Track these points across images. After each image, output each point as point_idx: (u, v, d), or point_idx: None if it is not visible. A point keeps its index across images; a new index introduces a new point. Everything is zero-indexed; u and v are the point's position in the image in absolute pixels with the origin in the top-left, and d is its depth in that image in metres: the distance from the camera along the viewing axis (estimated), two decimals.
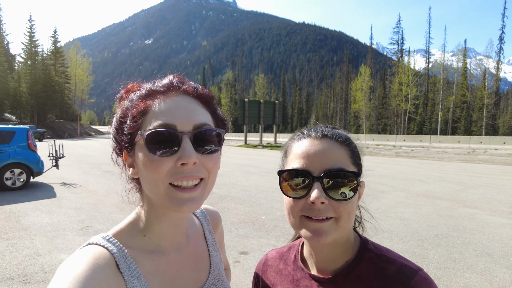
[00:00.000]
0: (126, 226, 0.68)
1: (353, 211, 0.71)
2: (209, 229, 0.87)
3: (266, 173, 12.00)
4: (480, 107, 53.78)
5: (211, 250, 0.83)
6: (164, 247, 0.69)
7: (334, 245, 0.74)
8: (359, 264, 0.73)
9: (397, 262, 0.71)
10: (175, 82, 0.66)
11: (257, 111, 32.91)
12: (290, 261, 0.87)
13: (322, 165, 0.68)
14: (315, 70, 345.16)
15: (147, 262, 0.65)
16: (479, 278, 3.72)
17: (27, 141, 8.99)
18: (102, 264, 0.56)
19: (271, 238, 5.01)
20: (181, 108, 0.63)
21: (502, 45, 54.57)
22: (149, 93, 0.65)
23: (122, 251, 0.62)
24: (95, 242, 0.61)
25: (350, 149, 0.73)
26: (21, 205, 6.94)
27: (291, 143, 0.78)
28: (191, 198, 0.61)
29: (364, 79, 61.24)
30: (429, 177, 11.32)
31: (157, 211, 0.67)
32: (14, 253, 4.29)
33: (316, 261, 0.78)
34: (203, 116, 0.65)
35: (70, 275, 0.52)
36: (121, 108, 0.67)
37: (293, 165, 0.72)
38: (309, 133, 0.75)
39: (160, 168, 0.59)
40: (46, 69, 56.88)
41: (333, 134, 0.73)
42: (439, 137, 33.17)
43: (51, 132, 49.53)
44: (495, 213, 6.53)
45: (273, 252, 0.94)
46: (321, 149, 0.70)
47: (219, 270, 0.82)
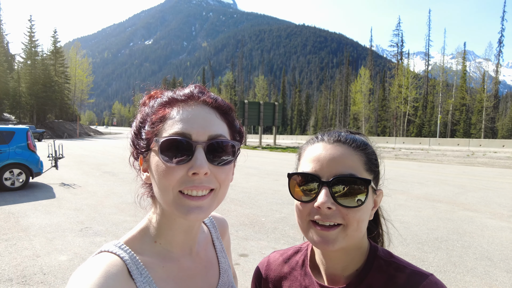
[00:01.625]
0: (138, 233, 0.69)
1: (364, 219, 0.69)
2: (217, 236, 0.88)
3: (266, 175, 11.99)
4: (479, 110, 53.85)
5: (220, 256, 0.83)
6: (175, 253, 0.70)
7: (344, 253, 0.72)
8: (369, 272, 0.71)
9: (407, 270, 0.70)
10: (196, 92, 0.68)
11: (256, 112, 32.92)
12: (297, 266, 0.84)
13: (331, 170, 0.67)
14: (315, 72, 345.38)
15: (159, 268, 0.66)
16: (478, 281, 3.72)
17: (27, 141, 8.98)
18: (115, 272, 0.57)
19: (271, 240, 5.00)
20: (198, 117, 0.64)
21: (502, 48, 54.70)
22: (169, 101, 0.66)
23: (134, 258, 0.63)
24: (107, 250, 0.62)
25: (365, 155, 0.71)
26: (20, 206, 6.92)
27: (306, 146, 0.78)
28: (199, 207, 0.62)
29: (363, 81, 61.33)
30: (428, 180, 11.33)
31: (168, 217, 0.67)
32: (13, 254, 4.27)
33: (326, 268, 0.76)
34: (219, 127, 0.66)
35: (83, 283, 0.53)
36: (141, 113, 0.69)
37: (304, 168, 0.71)
38: (323, 137, 0.75)
39: (171, 175, 0.60)
40: (46, 69, 56.81)
41: (347, 139, 0.72)
42: (439, 140, 33.18)
43: (50, 132, 49.45)
44: (495, 216, 6.53)
45: (276, 255, 0.91)
46: (332, 154, 0.69)
47: (228, 277, 0.82)
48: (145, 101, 0.72)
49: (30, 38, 57.12)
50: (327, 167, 0.68)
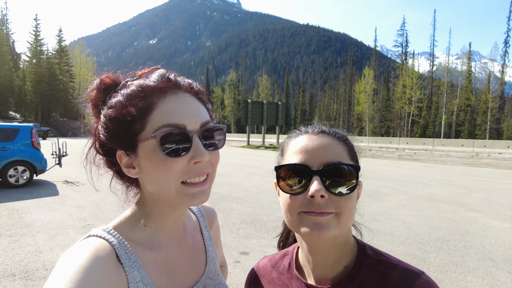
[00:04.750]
0: (126, 219, 0.69)
1: (354, 208, 0.69)
2: (205, 225, 0.88)
3: (268, 174, 11.99)
4: (484, 111, 53.47)
5: (207, 245, 0.84)
6: (163, 239, 0.70)
7: (333, 246, 0.71)
8: (360, 271, 0.70)
9: (399, 267, 0.69)
10: (172, 77, 0.66)
11: (260, 112, 32.88)
12: (284, 270, 0.82)
13: (321, 159, 0.67)
14: (318, 72, 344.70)
15: (147, 253, 0.66)
16: (480, 282, 3.70)
17: (31, 139, 9.06)
18: (103, 256, 0.56)
19: (272, 238, 5.00)
20: (187, 107, 0.64)
21: (507, 48, 54.30)
22: (145, 90, 0.63)
23: (122, 242, 0.62)
24: (95, 234, 0.62)
25: (347, 145, 0.72)
26: (24, 202, 6.99)
27: (288, 140, 0.77)
28: (201, 191, 0.64)
29: (367, 81, 61.11)
30: (431, 180, 11.26)
31: (160, 207, 0.67)
32: (16, 250, 4.32)
33: (313, 267, 0.74)
34: (205, 113, 0.67)
35: (71, 267, 0.52)
36: (109, 106, 0.64)
37: (291, 160, 0.70)
38: (307, 129, 0.75)
39: (173, 169, 0.60)
40: (51, 68, 57.26)
41: (330, 131, 0.73)
42: (443, 140, 33.02)
43: (54, 130, 49.83)
44: (498, 217, 6.49)
45: (264, 260, 0.90)
46: (320, 143, 0.70)
47: (215, 265, 0.83)
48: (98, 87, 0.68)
49: (35, 37, 57.62)
50: (316, 157, 0.68)
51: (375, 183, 10.17)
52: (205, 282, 0.76)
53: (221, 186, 9.05)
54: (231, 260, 4.11)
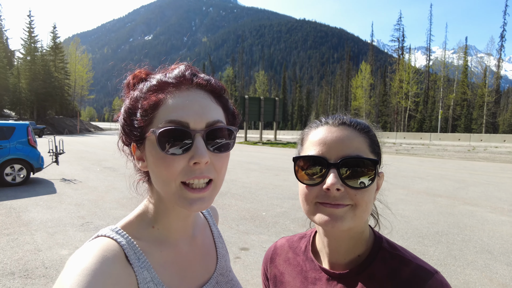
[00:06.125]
0: (135, 218, 0.68)
1: (371, 201, 0.69)
2: (213, 222, 0.88)
3: (266, 170, 12.00)
4: (480, 105, 53.72)
5: (217, 242, 0.84)
6: (173, 238, 0.69)
7: (348, 235, 0.71)
8: (373, 263, 0.71)
9: (412, 264, 0.68)
10: (188, 74, 0.64)
11: (257, 108, 32.82)
12: (300, 251, 0.85)
13: (339, 152, 0.67)
14: (315, 67, 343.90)
15: (157, 253, 0.65)
16: (479, 274, 3.73)
17: (27, 137, 8.98)
18: (111, 256, 0.56)
19: (272, 234, 5.01)
20: (194, 104, 0.61)
21: (503, 42, 54.40)
22: (160, 85, 0.62)
23: (131, 242, 0.61)
24: (104, 234, 0.61)
25: (369, 138, 0.71)
26: (22, 201, 6.94)
27: (308, 130, 0.77)
28: (201, 198, 0.61)
29: (364, 77, 61.13)
30: (429, 175, 11.32)
31: (166, 204, 0.66)
32: (14, 249, 4.29)
33: (329, 252, 0.75)
34: (215, 112, 0.63)
35: (79, 268, 0.51)
36: (129, 98, 0.65)
37: (309, 152, 0.70)
38: (327, 120, 0.74)
39: (172, 167, 0.59)
40: (46, 65, 56.65)
41: (351, 122, 0.72)
42: (439, 135, 33.13)
43: (50, 128, 49.46)
44: (495, 211, 6.54)
45: (282, 240, 0.92)
46: (339, 136, 0.69)
47: (226, 261, 0.82)
48: (129, 81, 0.68)
49: (29, 33, 56.90)
50: (334, 149, 0.67)
51: None
52: (218, 279, 0.76)
53: None
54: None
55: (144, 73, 0.68)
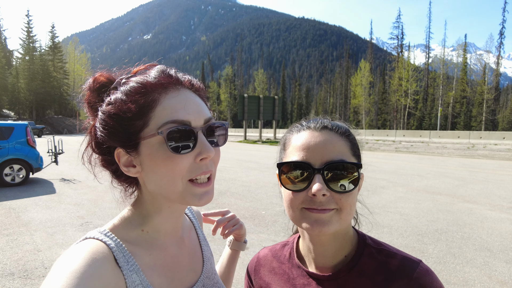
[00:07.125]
0: (123, 221, 0.67)
1: (355, 203, 0.70)
2: (199, 225, 0.88)
3: (266, 169, 12.00)
4: (480, 102, 53.76)
5: (203, 244, 0.84)
6: (162, 241, 0.69)
7: (334, 238, 0.72)
8: (361, 259, 0.72)
9: (398, 256, 0.71)
10: (173, 74, 0.65)
11: (256, 106, 32.84)
12: (284, 259, 0.84)
13: (323, 157, 0.67)
14: (314, 66, 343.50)
15: (146, 256, 0.64)
16: (478, 272, 3.74)
17: (26, 137, 8.96)
18: (100, 259, 0.55)
19: (271, 233, 5.02)
20: (191, 103, 0.63)
21: (503, 40, 54.39)
22: (146, 86, 0.61)
23: (120, 245, 0.60)
24: (92, 237, 0.60)
25: (350, 141, 0.72)
26: (21, 201, 6.94)
27: (290, 135, 0.76)
28: (206, 192, 0.63)
29: (363, 74, 61.10)
30: (428, 173, 11.33)
31: (161, 206, 0.66)
32: (14, 249, 4.29)
33: (315, 257, 0.76)
34: (206, 109, 0.66)
35: (67, 271, 0.50)
36: (108, 103, 0.62)
37: (293, 157, 0.70)
38: (308, 124, 0.74)
39: (180, 165, 0.59)
40: (44, 65, 56.57)
41: (333, 126, 0.72)
42: (439, 132, 33.19)
43: (50, 128, 49.40)
44: (495, 208, 6.55)
45: (265, 250, 0.91)
46: (322, 140, 0.69)
47: (211, 264, 0.83)
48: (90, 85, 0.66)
49: (28, 33, 56.80)
50: (318, 154, 0.67)
51: (373, 176, 10.21)
52: (204, 281, 0.76)
53: (219, 181, 9.03)
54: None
55: (105, 77, 0.66)
